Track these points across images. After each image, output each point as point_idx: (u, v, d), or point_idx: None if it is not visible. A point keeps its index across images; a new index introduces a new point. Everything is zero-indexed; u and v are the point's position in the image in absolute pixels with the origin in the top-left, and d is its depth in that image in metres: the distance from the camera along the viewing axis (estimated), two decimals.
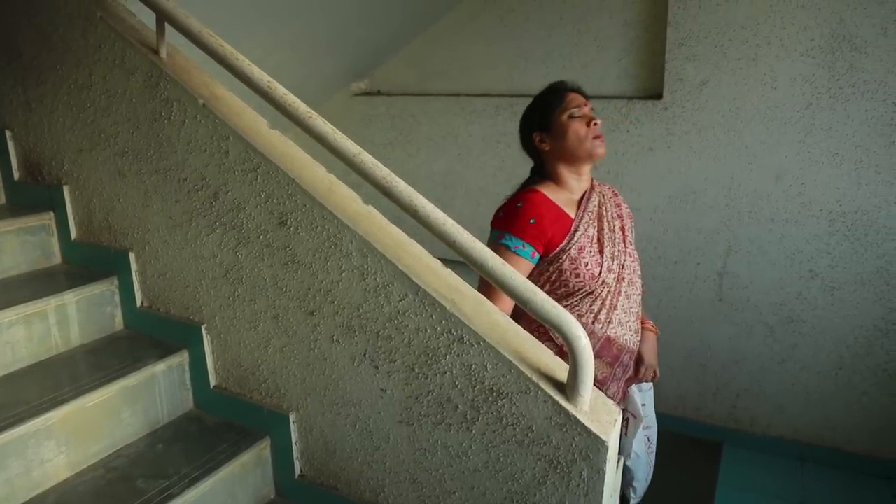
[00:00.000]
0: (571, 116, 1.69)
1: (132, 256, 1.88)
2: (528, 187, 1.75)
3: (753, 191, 2.73)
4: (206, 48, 1.59)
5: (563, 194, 1.74)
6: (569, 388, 1.27)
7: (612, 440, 1.27)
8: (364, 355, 1.51)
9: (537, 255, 1.66)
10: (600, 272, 1.68)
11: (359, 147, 1.44)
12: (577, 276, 1.66)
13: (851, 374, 2.72)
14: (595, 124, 1.68)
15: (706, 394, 2.96)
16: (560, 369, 1.31)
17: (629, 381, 1.82)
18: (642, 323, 1.86)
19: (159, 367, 1.76)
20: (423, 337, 1.41)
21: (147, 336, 1.89)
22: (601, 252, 1.70)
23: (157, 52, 1.71)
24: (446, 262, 1.46)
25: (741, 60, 2.64)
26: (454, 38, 3.21)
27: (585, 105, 1.72)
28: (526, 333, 1.38)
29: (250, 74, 1.52)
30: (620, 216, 1.80)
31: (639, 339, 1.81)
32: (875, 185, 2.54)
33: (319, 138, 1.45)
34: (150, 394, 1.74)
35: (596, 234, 1.72)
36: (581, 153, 1.69)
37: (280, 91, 1.50)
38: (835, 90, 2.53)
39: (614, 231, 1.75)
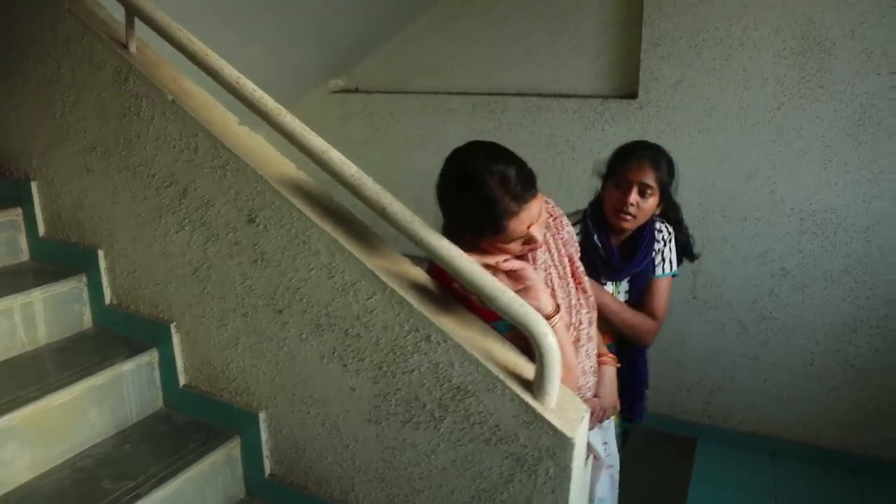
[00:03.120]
0: (515, 240, 1.34)
1: (101, 254, 1.86)
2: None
3: (726, 190, 2.76)
4: (175, 43, 1.57)
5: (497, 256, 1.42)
6: (535, 386, 1.27)
7: (579, 437, 1.27)
8: (333, 353, 1.50)
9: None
10: None
11: (327, 144, 1.43)
12: None
13: (821, 370, 2.77)
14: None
15: (681, 390, 3.00)
16: (527, 367, 1.32)
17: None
18: (599, 357, 1.72)
19: (127, 366, 1.74)
20: (391, 335, 1.40)
21: (116, 334, 1.87)
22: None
23: (126, 47, 1.69)
24: (420, 259, 1.45)
25: (715, 60, 2.67)
26: (432, 36, 3.21)
27: (537, 219, 1.33)
28: (494, 332, 1.38)
29: (219, 70, 1.51)
30: (563, 244, 1.58)
31: (597, 378, 1.68)
32: (844, 184, 2.59)
33: (288, 135, 1.45)
34: (118, 393, 1.72)
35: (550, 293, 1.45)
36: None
37: (249, 87, 1.49)
38: (805, 91, 2.57)
39: (565, 277, 1.54)
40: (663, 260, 1.95)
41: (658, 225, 1.94)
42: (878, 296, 2.63)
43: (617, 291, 1.95)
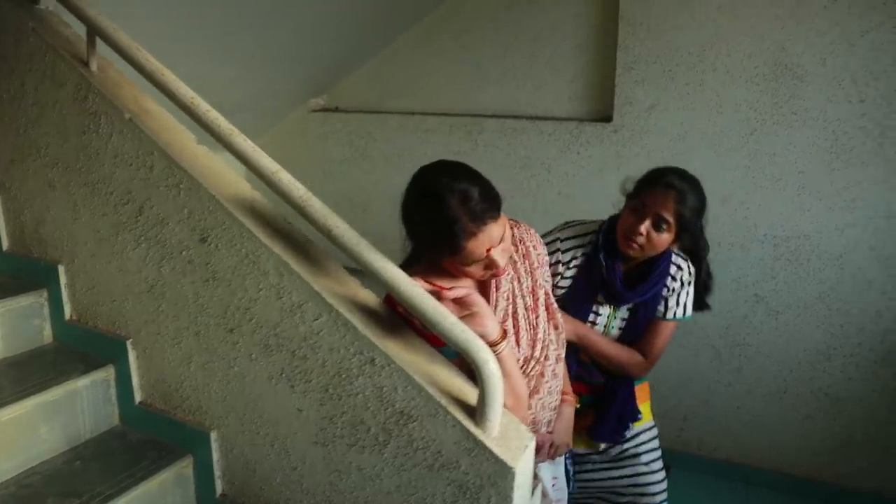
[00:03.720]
0: (475, 262, 1.32)
1: (62, 269, 1.86)
2: (424, 280, 1.38)
3: None
4: (133, 62, 1.58)
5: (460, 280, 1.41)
6: (478, 413, 1.26)
7: (521, 467, 1.26)
8: (281, 374, 1.49)
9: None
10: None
11: (277, 165, 1.44)
12: None
13: (795, 397, 2.75)
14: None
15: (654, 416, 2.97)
16: (472, 394, 1.31)
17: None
18: (562, 395, 1.66)
19: (82, 382, 1.73)
20: (337, 357, 1.40)
21: (75, 350, 1.86)
22: (517, 342, 1.46)
23: (87, 65, 1.70)
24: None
25: (689, 85, 2.68)
26: (412, 56, 3.23)
27: (497, 243, 1.30)
28: (441, 357, 1.37)
29: (175, 90, 1.52)
30: (531, 272, 1.53)
31: (555, 414, 1.62)
32: (817, 210, 2.59)
33: (239, 155, 1.45)
34: (72, 409, 1.71)
35: (512, 320, 1.46)
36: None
37: (203, 107, 1.50)
38: (778, 117, 2.58)
39: (533, 309, 1.50)
40: (678, 304, 1.83)
41: (681, 263, 1.82)
42: (851, 324, 2.61)
43: (613, 317, 1.87)
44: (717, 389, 2.87)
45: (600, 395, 1.91)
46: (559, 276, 1.84)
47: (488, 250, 1.29)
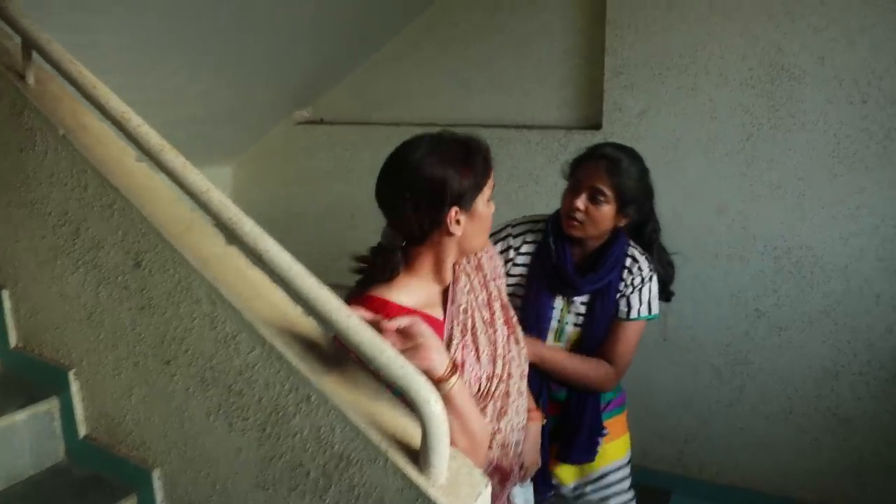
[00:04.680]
0: (489, 200, 1.32)
1: (5, 294, 1.76)
2: (366, 289, 1.31)
3: (696, 225, 2.61)
4: (65, 74, 1.49)
5: (427, 289, 1.33)
6: (421, 459, 1.13)
7: None
8: (219, 411, 1.37)
9: None
10: (479, 388, 1.31)
11: (209, 184, 1.33)
12: None
13: (801, 418, 2.58)
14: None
15: (652, 438, 2.81)
16: (418, 436, 1.18)
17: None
18: (528, 412, 1.55)
19: (20, 416, 1.62)
20: (273, 394, 1.28)
21: (22, 379, 1.76)
22: (478, 359, 1.33)
23: (23, 79, 1.61)
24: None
25: (680, 90, 2.54)
26: (396, 66, 3.13)
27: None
28: (388, 395, 1.24)
29: (105, 104, 1.42)
30: (485, 284, 1.42)
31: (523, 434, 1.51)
32: (819, 219, 2.43)
33: (169, 173, 1.34)
34: (7, 445, 1.60)
35: (471, 335, 1.34)
36: (480, 246, 1.37)
37: (134, 122, 1.39)
38: (775, 120, 2.43)
39: (491, 324, 1.39)
40: (640, 301, 1.73)
41: (637, 255, 1.74)
42: (859, 339, 2.45)
43: (567, 310, 1.76)
44: (718, 410, 2.71)
45: (565, 412, 1.79)
46: (510, 263, 1.76)
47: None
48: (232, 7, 2.31)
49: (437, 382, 1.17)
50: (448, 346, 1.31)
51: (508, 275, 1.76)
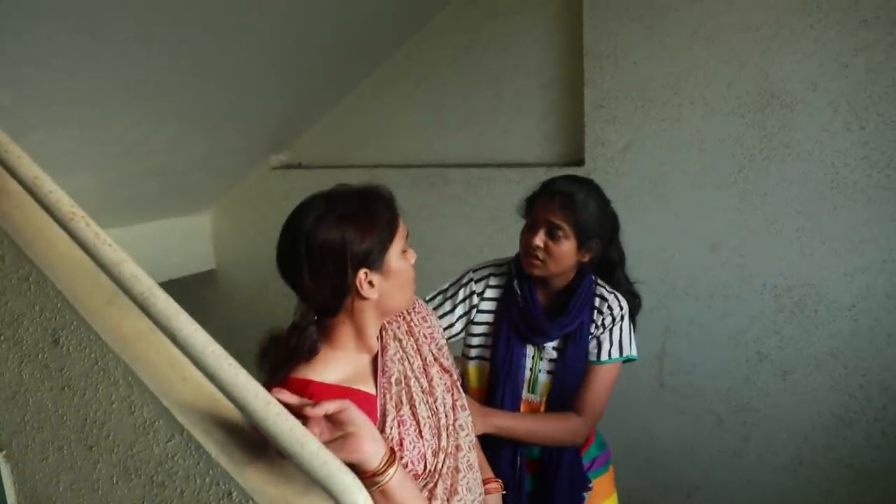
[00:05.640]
0: (405, 251, 1.21)
1: None
2: (290, 372, 1.18)
3: (689, 263, 2.45)
4: None
5: (353, 362, 1.20)
6: None
7: None
8: (143, 503, 1.24)
9: None
10: (425, 466, 1.18)
11: (123, 255, 1.20)
12: None
13: (812, 469, 2.38)
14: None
15: (654, 490, 2.62)
16: None
17: None
18: (484, 483, 1.41)
19: None
20: (194, 487, 1.14)
21: None
22: (420, 434, 1.19)
23: None
24: None
25: (665, 122, 2.40)
26: (372, 105, 3.03)
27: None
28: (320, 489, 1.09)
29: (15, 168, 1.31)
30: (418, 349, 1.28)
31: None
32: (821, 255, 2.26)
33: (80, 244, 1.22)
34: None
35: (409, 408, 1.20)
36: (404, 304, 1.25)
37: (46, 188, 1.27)
38: (768, 151, 2.28)
39: (430, 392, 1.25)
40: (611, 342, 1.63)
41: (605, 294, 1.64)
42: (872, 383, 2.26)
43: (538, 358, 1.65)
44: (722, 460, 2.51)
45: (542, 470, 1.68)
46: (475, 310, 1.69)
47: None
48: (191, 54, 2.23)
49: (372, 476, 1.03)
50: (383, 423, 1.18)
51: (474, 323, 1.71)
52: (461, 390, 1.36)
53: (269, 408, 1.01)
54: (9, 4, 1.64)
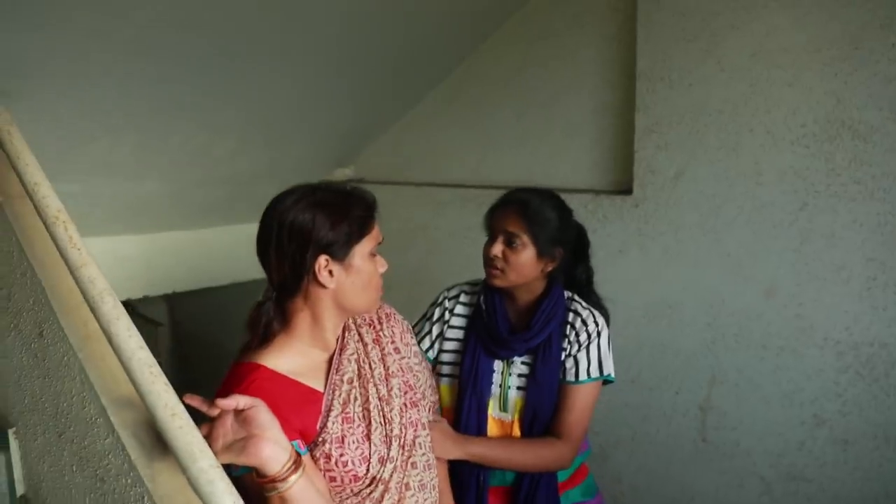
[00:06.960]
0: (374, 256, 1.26)
1: None
2: (245, 355, 1.24)
3: (740, 308, 2.21)
4: None
5: (308, 356, 1.24)
6: None
7: None
8: (91, 495, 1.31)
9: (305, 447, 1.18)
10: (367, 469, 1.19)
11: (88, 259, 1.28)
12: (334, 479, 1.17)
13: None
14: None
15: None
16: None
17: None
18: None
19: None
20: (121, 486, 1.19)
21: None
22: (367, 437, 1.21)
23: None
24: None
25: (721, 150, 2.20)
26: (428, 124, 3.03)
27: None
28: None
29: (23, 173, 1.44)
30: (383, 358, 1.30)
31: None
32: (895, 310, 1.95)
33: (57, 245, 1.32)
34: None
35: (361, 410, 1.23)
36: (363, 305, 1.27)
37: (40, 193, 1.39)
38: (836, 187, 2.01)
39: (387, 400, 1.26)
40: (588, 360, 1.58)
41: (580, 310, 1.62)
42: None
43: (507, 373, 1.61)
44: None
45: (512, 498, 1.62)
46: (446, 326, 1.70)
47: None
48: (249, 72, 2.34)
49: (272, 482, 1.02)
50: (326, 418, 1.19)
51: (446, 339, 1.70)
52: (437, 413, 1.43)
53: (173, 420, 1.03)
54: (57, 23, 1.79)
